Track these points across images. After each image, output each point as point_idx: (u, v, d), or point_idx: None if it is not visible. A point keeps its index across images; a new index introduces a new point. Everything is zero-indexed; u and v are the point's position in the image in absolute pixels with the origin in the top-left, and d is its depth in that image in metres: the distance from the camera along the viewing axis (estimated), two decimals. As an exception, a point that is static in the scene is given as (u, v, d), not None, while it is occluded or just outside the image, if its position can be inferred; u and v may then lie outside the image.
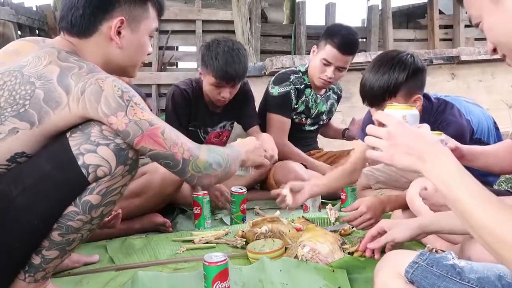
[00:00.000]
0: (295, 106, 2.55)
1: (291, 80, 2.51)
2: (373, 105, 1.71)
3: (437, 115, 1.78)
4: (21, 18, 4.46)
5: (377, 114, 0.97)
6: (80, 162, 1.09)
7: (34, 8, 4.96)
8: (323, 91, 2.65)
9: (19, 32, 4.41)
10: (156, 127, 1.14)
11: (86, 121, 1.14)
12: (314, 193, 1.76)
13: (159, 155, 1.17)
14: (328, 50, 2.39)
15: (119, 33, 1.23)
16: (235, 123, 2.54)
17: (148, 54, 1.36)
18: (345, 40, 2.38)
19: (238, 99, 2.39)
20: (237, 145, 1.53)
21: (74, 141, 1.10)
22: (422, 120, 1.14)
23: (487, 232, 0.73)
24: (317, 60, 2.45)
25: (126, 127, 1.11)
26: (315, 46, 2.52)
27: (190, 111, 2.33)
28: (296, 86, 2.51)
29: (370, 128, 0.92)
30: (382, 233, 1.27)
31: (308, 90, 2.56)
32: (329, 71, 2.41)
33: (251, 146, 1.55)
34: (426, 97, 1.82)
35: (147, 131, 1.13)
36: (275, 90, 2.51)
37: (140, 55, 1.31)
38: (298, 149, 2.53)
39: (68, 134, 1.12)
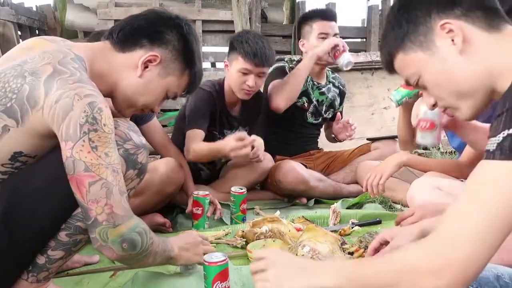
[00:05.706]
0: None
1: (285, 60, 2.66)
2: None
3: None
4: (21, 18, 4.46)
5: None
6: None
7: (34, 8, 4.97)
8: (323, 81, 2.67)
9: (19, 32, 4.41)
10: (88, 175, 1.02)
11: None
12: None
13: (78, 201, 1.05)
14: (318, 26, 2.52)
15: (146, 66, 1.22)
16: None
17: (152, 112, 1.34)
18: (325, 10, 2.73)
19: (256, 107, 2.39)
20: (173, 239, 1.32)
21: None
22: None
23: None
24: (314, 40, 2.52)
25: (65, 161, 1.03)
26: (300, 40, 2.62)
27: (213, 113, 2.27)
28: (291, 65, 2.59)
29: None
30: (384, 243, 1.27)
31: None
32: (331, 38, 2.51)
33: (189, 243, 1.34)
34: None
35: (77, 175, 1.02)
36: (271, 69, 2.49)
37: (146, 96, 1.25)
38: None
39: None
